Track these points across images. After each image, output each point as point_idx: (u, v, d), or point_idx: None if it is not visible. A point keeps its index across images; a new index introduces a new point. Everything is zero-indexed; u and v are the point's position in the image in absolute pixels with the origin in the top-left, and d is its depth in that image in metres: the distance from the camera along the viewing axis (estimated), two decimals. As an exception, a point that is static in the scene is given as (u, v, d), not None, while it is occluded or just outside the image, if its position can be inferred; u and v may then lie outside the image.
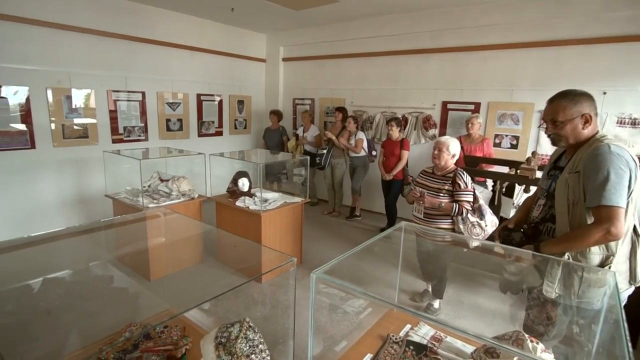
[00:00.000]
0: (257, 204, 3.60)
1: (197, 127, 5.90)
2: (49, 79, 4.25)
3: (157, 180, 3.77)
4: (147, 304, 2.48)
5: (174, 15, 5.29)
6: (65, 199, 4.58)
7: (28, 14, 3.98)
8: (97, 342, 1.80)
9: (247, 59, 6.49)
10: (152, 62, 5.15)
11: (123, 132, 4.98)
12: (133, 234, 3.16)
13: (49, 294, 2.17)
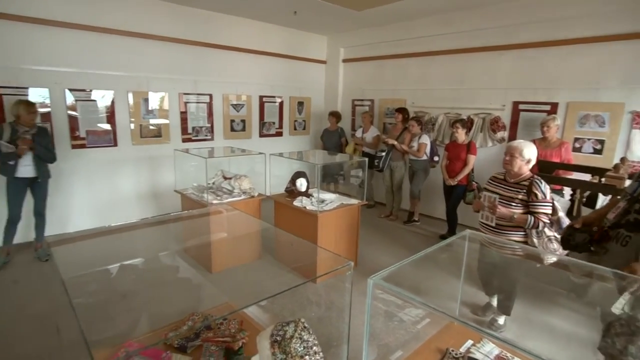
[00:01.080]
0: (314, 205, 3.62)
1: (258, 127, 6.12)
2: (130, 84, 4.68)
3: (220, 178, 3.96)
4: (208, 296, 2.61)
5: (240, 21, 5.53)
6: (140, 193, 5.01)
7: (115, 26, 4.41)
8: (164, 327, 1.92)
9: (308, 61, 6.59)
10: (219, 66, 5.44)
11: (192, 132, 5.33)
12: (198, 228, 3.36)
13: (125, 278, 2.37)
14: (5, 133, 3.41)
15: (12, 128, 3.45)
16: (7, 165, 3.46)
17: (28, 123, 3.52)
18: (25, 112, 3.48)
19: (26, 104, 3.53)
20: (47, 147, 3.66)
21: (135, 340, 1.81)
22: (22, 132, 3.48)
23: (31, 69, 3.99)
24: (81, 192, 4.52)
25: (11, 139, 3.41)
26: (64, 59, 4.18)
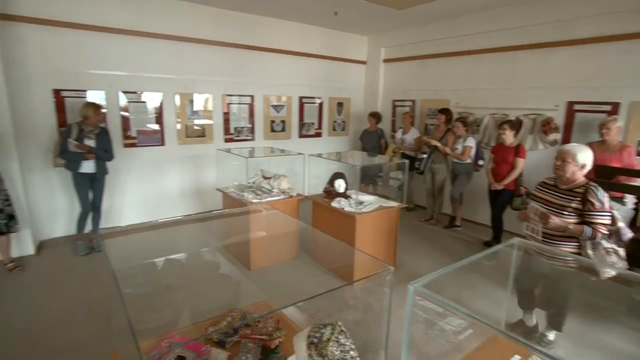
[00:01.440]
0: (352, 206, 3.59)
1: (298, 128, 6.19)
2: (177, 86, 4.90)
3: (260, 177, 4.04)
4: (247, 293, 2.66)
5: (281, 23, 5.62)
6: (184, 190, 5.23)
7: (164, 31, 4.64)
8: (204, 321, 1.98)
9: (348, 62, 6.56)
10: (260, 67, 5.56)
11: (234, 132, 5.48)
12: (238, 226, 3.45)
13: (169, 272, 2.47)
14: (73, 132, 3.69)
15: (79, 128, 3.73)
16: (72, 162, 3.75)
17: (94, 123, 3.79)
18: (93, 113, 3.75)
19: (94, 106, 3.81)
20: (105, 147, 3.92)
21: (178, 332, 1.88)
22: (88, 132, 3.75)
23: (89, 73, 4.29)
24: (132, 189, 4.80)
25: (78, 137, 3.69)
26: (118, 63, 4.45)
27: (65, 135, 3.69)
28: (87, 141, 3.75)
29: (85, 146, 3.74)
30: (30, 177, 4.11)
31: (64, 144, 3.68)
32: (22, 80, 3.94)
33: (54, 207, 4.34)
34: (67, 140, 3.66)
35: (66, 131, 3.73)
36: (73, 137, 3.68)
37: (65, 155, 3.71)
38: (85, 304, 3.07)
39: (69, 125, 3.77)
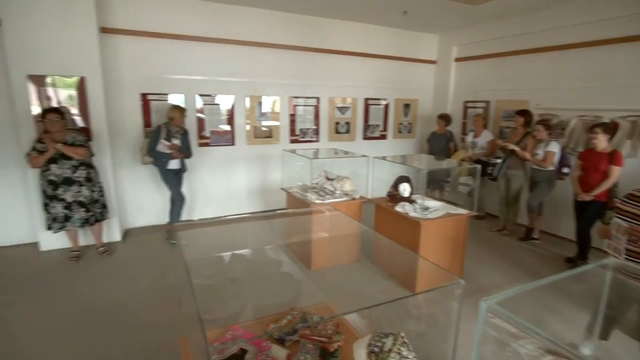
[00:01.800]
0: (417, 212, 3.45)
1: (362, 130, 6.13)
2: (247, 89, 5.14)
3: (324, 178, 4.06)
4: (307, 292, 2.68)
5: (348, 24, 5.61)
6: (251, 188, 5.46)
7: (236, 37, 4.89)
8: (265, 317, 2.02)
9: (417, 62, 6.35)
10: (327, 70, 5.61)
11: (299, 134, 5.60)
12: (300, 226, 3.50)
13: (235, 266, 2.57)
14: (162, 133, 4.05)
15: (167, 128, 4.08)
16: (161, 160, 4.11)
17: (178, 124, 4.14)
18: (179, 115, 4.11)
19: (180, 109, 4.16)
20: (187, 146, 4.25)
21: (240, 325, 1.95)
22: (174, 132, 4.11)
23: (171, 78, 4.68)
24: (204, 185, 5.13)
25: (166, 137, 4.06)
26: (196, 69, 4.79)
27: (155, 136, 4.05)
28: (174, 141, 4.10)
29: (176, 146, 4.10)
30: (120, 171, 4.59)
31: (152, 144, 4.05)
32: (116, 85, 4.41)
33: (138, 199, 4.81)
34: (157, 141, 4.02)
35: (156, 132, 4.09)
36: (162, 138, 4.03)
37: (152, 154, 4.08)
38: (160, 289, 3.34)
39: (158, 127, 4.13)
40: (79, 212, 3.68)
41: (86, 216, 3.72)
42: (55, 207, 3.60)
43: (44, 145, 3.48)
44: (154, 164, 4.19)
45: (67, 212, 3.63)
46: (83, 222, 3.72)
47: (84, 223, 3.73)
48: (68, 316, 2.91)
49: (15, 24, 3.64)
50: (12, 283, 3.41)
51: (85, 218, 3.72)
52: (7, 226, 4.17)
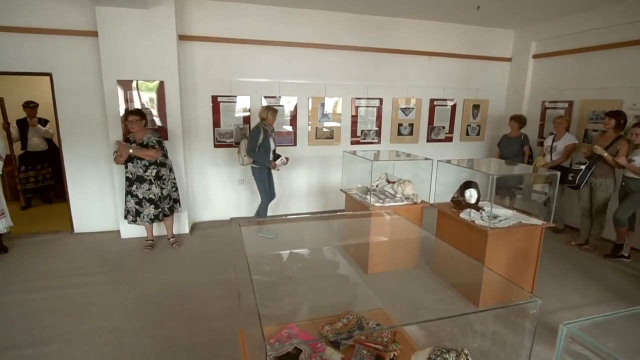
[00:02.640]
0: (485, 219, 3.22)
1: (426, 132, 5.90)
2: (310, 90, 5.21)
3: (384, 181, 3.97)
4: (363, 297, 2.63)
5: (413, 23, 5.43)
6: (311, 188, 5.53)
7: (301, 39, 4.99)
8: (321, 318, 2.02)
9: (488, 60, 5.95)
10: (391, 70, 5.49)
11: (360, 135, 5.55)
12: (358, 228, 3.45)
13: (292, 265, 2.61)
14: (261, 134, 4.22)
15: (263, 128, 4.25)
16: (261, 160, 4.31)
17: (271, 124, 4.34)
18: (272, 115, 4.29)
19: (273, 109, 4.32)
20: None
21: (296, 323, 1.96)
22: (271, 132, 4.33)
23: (239, 81, 4.91)
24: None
25: (264, 137, 4.23)
26: (261, 71, 4.97)
27: (255, 137, 4.24)
28: (271, 140, 4.32)
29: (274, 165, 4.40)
30: (191, 168, 4.92)
31: (252, 144, 4.23)
32: (190, 88, 4.74)
33: (206, 195, 5.12)
34: (256, 141, 4.22)
35: (255, 133, 4.26)
36: (260, 140, 4.22)
37: (252, 154, 4.27)
38: (222, 281, 3.51)
39: (256, 128, 4.30)
40: (148, 208, 3.99)
41: (155, 212, 4.03)
42: (130, 202, 3.97)
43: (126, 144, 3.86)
44: (254, 163, 4.36)
45: (137, 208, 3.97)
46: (151, 218, 4.04)
47: (152, 220, 4.05)
48: (141, 299, 3.18)
49: (108, 35, 4.08)
50: (97, 265, 3.82)
51: (155, 214, 4.03)
52: (96, 215, 4.68)
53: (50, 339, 2.64)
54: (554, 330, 2.49)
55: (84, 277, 3.54)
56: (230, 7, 4.67)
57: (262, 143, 4.25)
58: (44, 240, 4.43)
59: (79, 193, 4.59)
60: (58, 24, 4.12)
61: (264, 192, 4.48)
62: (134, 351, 2.52)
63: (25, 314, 2.95)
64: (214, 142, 4.98)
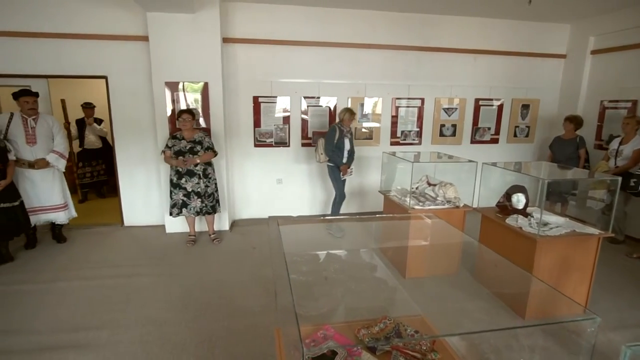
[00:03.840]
0: (534, 226, 3.02)
1: (470, 133, 5.66)
2: (350, 90, 5.17)
3: (424, 183, 3.86)
4: (401, 302, 2.56)
5: (458, 20, 5.23)
6: (348, 189, 5.47)
7: (340, 39, 4.96)
8: (357, 321, 1.98)
9: (540, 57, 5.61)
10: (434, 69, 5.32)
11: (400, 136, 5.43)
12: (397, 231, 3.37)
13: (329, 266, 2.59)
14: (337, 134, 4.39)
15: (339, 129, 4.43)
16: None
17: (348, 125, 4.49)
18: (348, 116, 4.41)
19: (351, 111, 4.44)
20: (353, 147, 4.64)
21: (332, 325, 1.95)
22: (346, 132, 4.49)
23: (279, 82, 4.97)
24: (303, 183, 5.34)
25: (339, 138, 4.41)
26: (301, 72, 5.00)
27: (331, 136, 4.41)
28: (346, 140, 4.48)
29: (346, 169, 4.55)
30: (232, 167, 5.06)
31: (329, 144, 4.43)
32: (233, 90, 4.87)
33: (245, 194, 5.24)
34: (333, 141, 4.39)
35: (332, 132, 4.43)
36: (336, 139, 4.38)
37: (329, 153, 4.46)
38: (259, 277, 3.57)
39: (333, 127, 4.47)
40: (196, 201, 4.17)
41: (201, 206, 4.20)
42: (178, 194, 4.14)
43: (174, 141, 4.04)
44: (330, 161, 4.53)
45: (185, 200, 4.14)
46: (198, 211, 4.20)
47: (198, 212, 4.21)
48: (182, 292, 3.30)
49: (158, 39, 4.29)
50: (144, 257, 4.02)
51: (200, 208, 4.20)
52: (144, 209, 4.95)
53: (101, 325, 2.81)
54: (610, 350, 2.29)
55: (132, 268, 3.75)
56: (272, 9, 4.74)
57: (336, 143, 4.40)
58: (97, 232, 4.74)
59: (129, 188, 4.88)
60: (113, 29, 4.40)
61: (337, 190, 4.62)
62: (175, 341, 2.63)
63: (80, 299, 3.17)
64: (254, 141, 5.08)
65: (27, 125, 3.87)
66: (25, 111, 3.85)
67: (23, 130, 3.86)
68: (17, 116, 3.86)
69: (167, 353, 2.51)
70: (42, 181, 4.02)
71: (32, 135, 3.89)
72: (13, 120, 3.84)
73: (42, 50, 4.34)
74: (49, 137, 4.02)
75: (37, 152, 3.93)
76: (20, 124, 3.85)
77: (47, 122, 4.01)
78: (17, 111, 3.90)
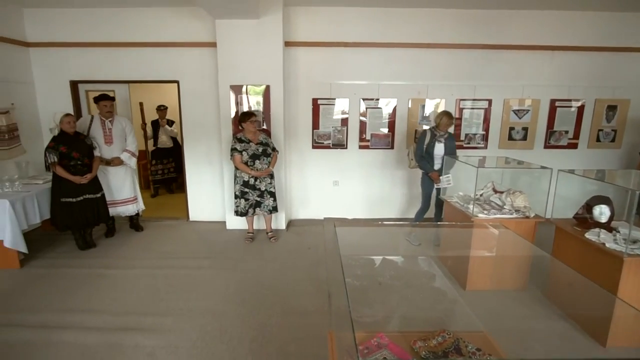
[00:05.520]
0: (620, 243, 2.68)
1: (544, 137, 5.19)
2: (411, 92, 5.02)
3: (490, 190, 3.61)
4: (461, 315, 2.40)
5: (531, 14, 4.82)
6: (404, 193, 5.33)
7: (401, 40, 4.83)
8: (412, 332, 1.90)
9: (631, 52, 4.97)
10: (503, 68, 4.97)
11: (464, 139, 5.15)
12: (458, 239, 3.19)
13: (384, 271, 2.52)
14: (427, 137, 4.20)
15: (432, 132, 4.20)
16: (422, 163, 4.25)
17: (443, 129, 4.13)
18: (446, 121, 4.07)
19: (447, 115, 4.10)
20: (452, 150, 4.18)
21: (386, 334, 1.88)
22: (439, 137, 4.14)
23: (338, 84, 4.97)
24: (360, 185, 5.29)
25: (430, 142, 4.16)
26: (360, 73, 4.95)
27: (421, 141, 4.25)
28: (437, 145, 4.14)
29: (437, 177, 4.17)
30: (290, 168, 5.16)
31: (419, 149, 4.24)
32: (293, 92, 4.97)
33: (303, 194, 5.31)
34: (422, 146, 4.20)
35: (422, 137, 4.27)
36: (425, 144, 4.20)
37: (417, 158, 4.29)
38: (313, 278, 3.59)
39: (423, 132, 4.30)
40: (269, 200, 4.37)
41: (273, 205, 4.40)
42: (253, 195, 4.31)
43: (242, 145, 4.19)
44: (420, 167, 4.30)
45: (259, 199, 4.33)
46: (270, 209, 4.40)
47: (271, 211, 4.41)
48: (240, 287, 3.43)
49: (225, 45, 4.51)
50: (206, 251, 4.25)
51: (273, 206, 4.40)
52: (208, 206, 5.24)
53: (166, 311, 3.01)
54: None
55: (195, 261, 3.97)
56: (332, 12, 4.76)
57: (426, 148, 4.18)
58: (166, 225, 5.11)
59: (194, 185, 5.20)
60: (185, 37, 4.72)
61: (422, 197, 4.39)
62: (232, 334, 2.72)
63: (148, 286, 3.43)
64: (312, 143, 5.14)
65: (105, 126, 4.32)
66: (104, 114, 4.30)
67: (102, 131, 4.31)
68: (96, 118, 4.34)
69: (223, 344, 2.62)
70: (116, 177, 4.48)
71: (109, 135, 4.33)
72: (93, 122, 4.32)
73: (124, 58, 4.81)
74: (123, 137, 4.46)
75: (113, 151, 4.38)
76: (99, 126, 4.32)
77: (121, 123, 4.44)
78: (97, 114, 4.37)
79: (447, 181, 4.01)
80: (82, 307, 3.09)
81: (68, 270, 3.73)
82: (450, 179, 4.00)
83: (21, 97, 4.70)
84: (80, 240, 4.22)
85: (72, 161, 3.92)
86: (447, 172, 4.04)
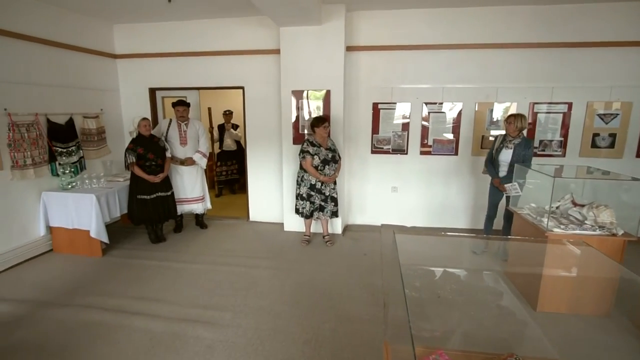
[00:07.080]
0: None
1: (637, 144, 4.58)
2: (478, 95, 4.73)
3: (569, 203, 3.26)
4: (531, 339, 2.19)
5: (619, 6, 4.26)
6: (467, 202, 5.03)
7: (468, 40, 4.58)
8: (477, 353, 1.77)
9: None
10: (585, 68, 4.49)
11: (538, 146, 4.73)
12: (529, 255, 2.92)
13: (445, 285, 2.38)
14: (497, 142, 4.05)
15: (502, 137, 4.01)
16: (488, 168, 4.14)
17: (511, 133, 3.89)
18: (514, 122, 3.81)
19: (516, 117, 3.81)
20: (523, 158, 3.82)
21: (446, 351, 1.77)
22: (508, 142, 3.91)
23: (400, 88, 4.85)
24: (420, 193, 5.10)
25: (498, 147, 3.99)
26: (423, 77, 4.78)
27: (491, 147, 4.14)
28: (504, 151, 3.90)
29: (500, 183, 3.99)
30: (349, 172, 5.14)
31: (489, 155, 4.12)
32: (353, 96, 4.95)
33: (361, 199, 5.26)
34: (492, 152, 4.07)
35: (494, 141, 4.14)
36: (493, 149, 4.06)
37: (485, 163, 4.20)
38: (368, 285, 3.51)
39: (495, 137, 4.16)
40: (330, 204, 4.45)
41: (334, 209, 4.48)
42: (318, 198, 4.41)
43: (315, 149, 4.25)
44: (489, 173, 4.15)
45: (322, 204, 4.43)
46: (331, 214, 4.48)
47: (332, 215, 4.50)
48: (295, 288, 3.46)
49: (288, 51, 4.63)
50: (264, 251, 4.37)
51: (334, 211, 4.48)
52: (268, 207, 5.40)
53: (225, 307, 3.14)
54: None
55: (254, 260, 4.11)
56: (395, 15, 4.66)
57: (495, 153, 4.03)
58: (228, 224, 5.37)
59: (256, 187, 5.40)
60: (251, 45, 4.95)
61: (487, 205, 4.23)
62: (285, 335, 2.76)
63: (210, 281, 3.61)
64: (372, 148, 5.07)
65: (181, 129, 4.68)
66: (179, 117, 4.67)
67: (178, 133, 4.69)
68: (173, 121, 4.73)
69: (278, 344, 2.66)
70: (188, 176, 4.82)
71: (184, 137, 4.68)
72: (171, 125, 4.67)
73: (196, 66, 5.17)
74: (196, 139, 4.81)
75: (187, 152, 4.74)
76: (176, 128, 4.70)
77: (194, 126, 4.79)
78: (174, 117, 4.75)
79: (514, 190, 3.69)
80: (152, 296, 3.34)
81: (141, 262, 4.07)
82: (517, 188, 3.67)
83: (108, 103, 5.27)
84: (152, 234, 4.59)
85: (148, 162, 4.29)
86: (514, 181, 3.72)
